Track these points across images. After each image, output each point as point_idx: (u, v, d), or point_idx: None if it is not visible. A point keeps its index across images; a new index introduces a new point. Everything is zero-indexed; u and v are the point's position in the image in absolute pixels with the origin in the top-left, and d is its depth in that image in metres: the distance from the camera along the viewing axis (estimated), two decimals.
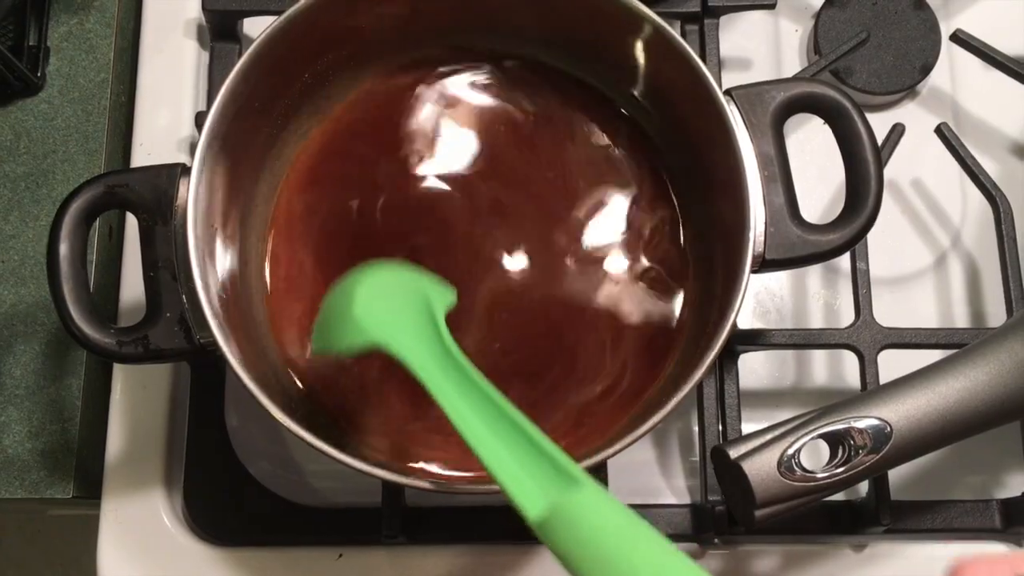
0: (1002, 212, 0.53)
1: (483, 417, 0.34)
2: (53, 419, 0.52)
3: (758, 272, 0.44)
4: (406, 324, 0.37)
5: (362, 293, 0.38)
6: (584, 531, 0.30)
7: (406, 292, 0.39)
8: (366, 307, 0.37)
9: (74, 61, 0.57)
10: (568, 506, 0.31)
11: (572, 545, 0.30)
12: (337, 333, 0.38)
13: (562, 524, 0.31)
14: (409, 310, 0.38)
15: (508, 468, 0.32)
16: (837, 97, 0.44)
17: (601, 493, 0.31)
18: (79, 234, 0.43)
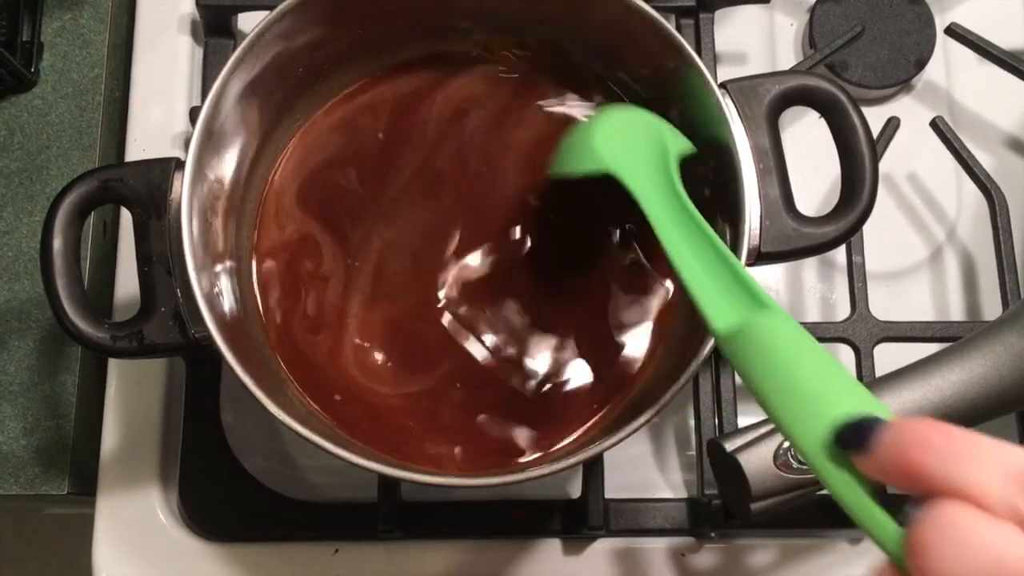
0: (997, 205, 0.53)
1: (692, 245, 0.37)
2: (48, 415, 0.52)
3: (753, 265, 0.44)
4: (636, 156, 0.41)
5: (604, 125, 0.43)
6: (762, 348, 0.33)
7: (643, 131, 0.43)
8: (605, 137, 0.42)
9: (68, 56, 0.56)
10: (752, 325, 0.34)
11: (751, 359, 0.33)
12: (574, 158, 0.43)
13: (745, 340, 0.34)
14: (642, 145, 0.41)
15: (705, 286, 0.36)
16: (832, 90, 0.44)
17: (788, 319, 0.34)
18: (73, 229, 0.43)
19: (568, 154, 0.45)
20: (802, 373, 0.31)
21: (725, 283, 0.36)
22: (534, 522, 0.51)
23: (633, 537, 0.52)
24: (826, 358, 0.32)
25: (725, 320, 0.35)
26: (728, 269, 0.36)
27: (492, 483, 0.42)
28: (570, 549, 0.51)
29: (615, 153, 0.41)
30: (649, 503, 0.52)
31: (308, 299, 0.48)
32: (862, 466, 0.28)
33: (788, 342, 0.33)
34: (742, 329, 0.34)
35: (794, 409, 0.31)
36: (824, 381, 0.31)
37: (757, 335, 0.33)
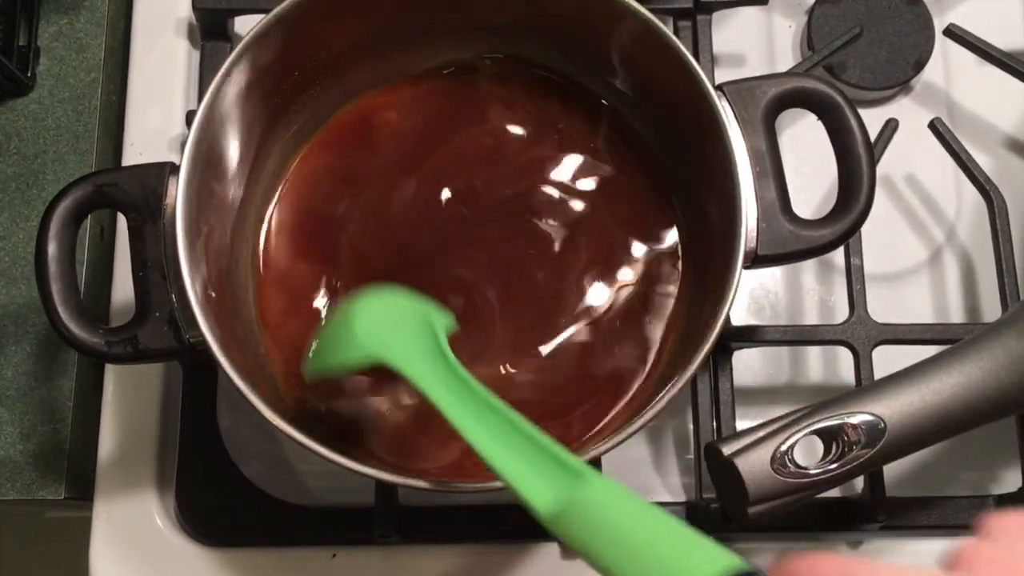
0: (996, 207, 0.53)
1: (486, 424, 0.35)
2: (44, 420, 0.52)
3: (751, 268, 0.44)
4: (405, 340, 0.38)
5: (362, 313, 0.40)
6: (595, 521, 0.31)
7: (405, 312, 0.40)
8: (366, 325, 0.39)
9: (64, 61, 0.56)
10: (577, 500, 0.32)
11: (585, 535, 0.31)
12: (337, 351, 0.40)
13: (573, 517, 0.32)
14: (408, 328, 0.39)
15: (515, 470, 0.34)
16: (829, 92, 0.44)
17: (607, 484, 0.32)
18: (67, 234, 0.43)
19: (327, 347, 0.41)
20: (653, 544, 0.30)
21: (535, 458, 0.34)
22: (532, 526, 0.51)
23: None
24: (665, 518, 0.31)
25: (546, 500, 0.32)
26: (532, 443, 0.34)
27: (489, 487, 0.42)
28: (568, 553, 0.51)
29: (381, 338, 0.38)
30: None
31: (306, 305, 0.48)
32: None
33: (623, 511, 0.31)
34: (569, 507, 0.32)
35: None
36: (679, 545, 0.30)
37: (589, 510, 0.31)
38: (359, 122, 0.51)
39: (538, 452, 0.34)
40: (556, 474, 0.33)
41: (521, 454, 0.34)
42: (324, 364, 0.41)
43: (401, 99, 0.51)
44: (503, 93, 0.51)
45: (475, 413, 0.35)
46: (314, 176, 0.50)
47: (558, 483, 0.33)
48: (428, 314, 0.40)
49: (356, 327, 0.39)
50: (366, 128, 0.51)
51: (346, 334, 0.39)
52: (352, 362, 0.39)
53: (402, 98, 0.51)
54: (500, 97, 0.51)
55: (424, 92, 0.51)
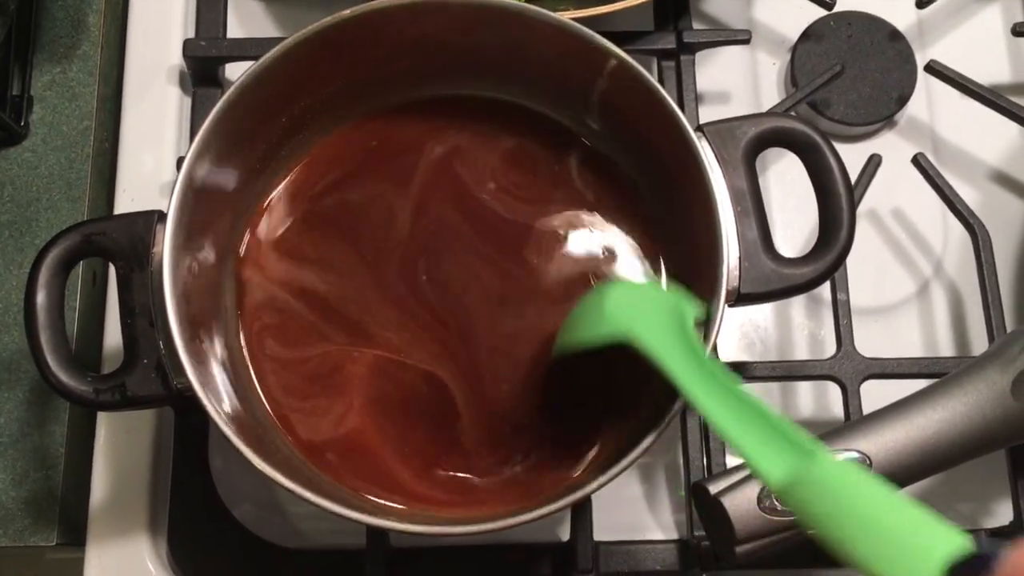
0: (980, 241, 0.53)
1: (725, 403, 0.37)
2: (37, 466, 0.52)
3: (734, 306, 0.44)
4: (654, 322, 0.40)
5: (614, 295, 0.43)
6: (826, 495, 0.33)
7: (655, 299, 0.43)
8: (618, 306, 0.42)
9: (57, 109, 0.57)
10: (810, 474, 0.33)
11: (817, 508, 0.33)
12: (587, 326, 0.43)
13: (806, 490, 0.33)
14: (657, 311, 0.41)
15: (751, 444, 0.36)
16: (807, 131, 0.45)
17: (843, 464, 0.34)
18: (56, 283, 0.43)
19: (581, 323, 0.44)
20: (887, 521, 0.31)
21: (766, 436, 0.36)
22: (523, 566, 0.51)
23: None
24: (901, 500, 0.32)
25: (778, 472, 0.34)
26: (766, 423, 0.36)
27: (479, 530, 0.42)
28: None
29: (634, 320, 0.41)
30: (639, 545, 0.51)
31: (294, 348, 0.48)
32: None
33: (857, 490, 0.33)
34: (801, 480, 0.34)
35: (889, 556, 0.31)
36: (912, 524, 0.31)
37: (820, 485, 0.33)
38: (344, 164, 0.51)
39: (772, 430, 0.35)
40: (788, 450, 0.35)
41: (757, 431, 0.36)
42: (574, 337, 0.43)
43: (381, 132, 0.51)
44: (483, 128, 0.51)
45: (714, 393, 0.37)
46: (299, 218, 0.50)
47: (791, 458, 0.34)
48: (677, 302, 0.41)
49: (608, 306, 0.42)
50: (351, 169, 0.51)
51: (598, 313, 0.42)
52: (601, 336, 0.41)
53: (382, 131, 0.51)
54: (480, 132, 0.51)
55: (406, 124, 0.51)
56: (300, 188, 0.50)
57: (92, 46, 0.58)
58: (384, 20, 0.46)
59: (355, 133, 0.51)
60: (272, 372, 0.48)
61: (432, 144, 0.51)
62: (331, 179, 0.51)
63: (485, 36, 0.48)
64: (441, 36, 0.48)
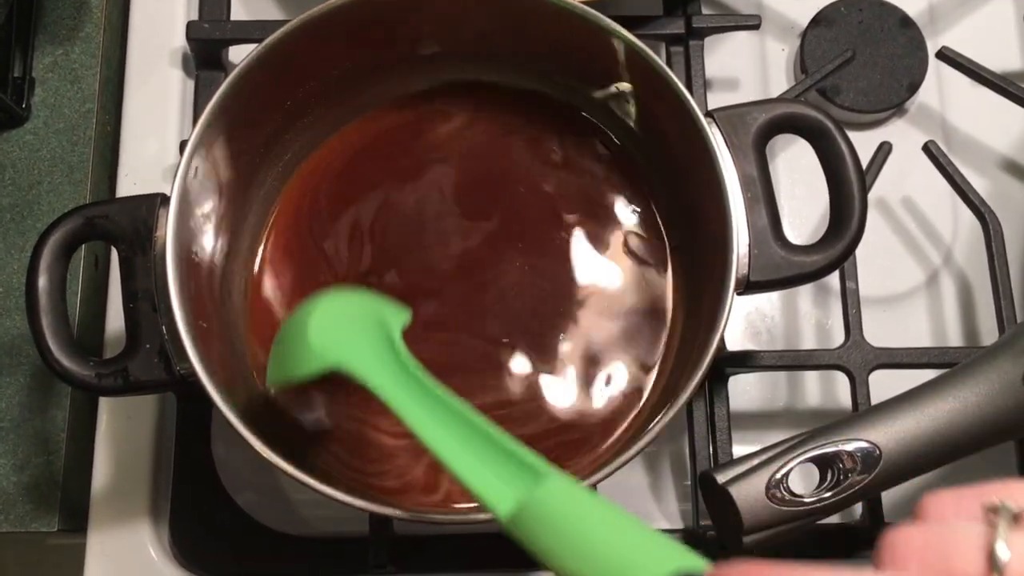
0: (992, 229, 0.53)
1: (444, 424, 0.34)
2: (38, 452, 0.52)
3: (743, 294, 0.44)
4: (360, 344, 0.38)
5: (315, 319, 0.39)
6: (554, 521, 0.30)
7: (359, 315, 0.39)
8: (320, 332, 0.38)
9: (59, 92, 0.57)
10: (536, 499, 0.31)
11: (540, 535, 0.31)
12: (293, 361, 0.39)
13: (532, 518, 0.31)
14: (363, 331, 0.38)
15: (473, 470, 0.33)
16: (818, 117, 0.44)
17: (566, 483, 0.31)
18: (58, 267, 0.43)
19: (283, 358, 0.40)
20: (604, 541, 0.29)
21: (493, 458, 0.33)
22: (528, 554, 0.51)
23: None
24: (622, 517, 0.30)
25: (507, 502, 0.32)
26: (492, 443, 0.33)
27: (483, 518, 0.42)
28: None
29: (335, 345, 0.38)
30: None
31: None
32: None
33: (579, 509, 0.31)
34: (527, 507, 0.31)
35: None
36: (630, 543, 0.29)
37: (544, 509, 0.31)
38: (351, 148, 0.51)
39: (497, 452, 0.33)
40: (516, 473, 0.32)
41: (480, 454, 0.33)
42: (283, 375, 0.40)
43: (392, 122, 0.51)
44: (488, 112, 0.51)
45: (431, 412, 0.35)
46: (306, 203, 0.50)
47: (518, 482, 0.32)
48: (382, 312, 0.39)
49: (309, 335, 0.38)
50: (358, 154, 0.51)
51: (300, 343, 0.38)
52: (309, 372, 0.38)
53: (393, 121, 0.51)
54: (485, 116, 0.51)
55: (416, 114, 0.51)
56: (304, 171, 0.50)
57: (94, 28, 0.58)
58: (387, 2, 0.46)
59: (360, 116, 0.51)
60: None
61: (438, 128, 0.51)
62: (336, 162, 0.50)
63: (490, 18, 0.47)
64: (445, 19, 0.47)
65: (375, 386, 0.36)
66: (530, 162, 0.50)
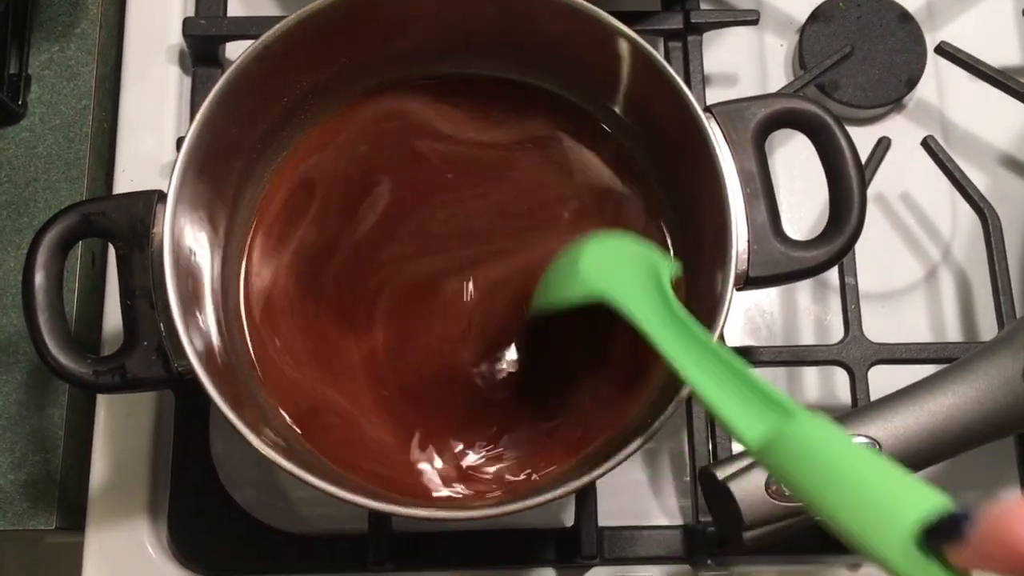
0: (991, 225, 0.53)
1: (701, 362, 0.36)
2: (36, 449, 0.51)
3: (742, 289, 0.44)
4: (628, 281, 0.40)
5: (589, 252, 0.42)
6: (802, 455, 0.32)
7: (630, 256, 0.42)
8: (591, 263, 0.41)
9: (55, 89, 0.56)
10: (785, 434, 0.33)
11: (793, 468, 0.32)
12: (561, 287, 0.42)
13: (781, 450, 0.33)
14: (632, 270, 0.40)
15: (725, 403, 0.35)
16: (818, 112, 0.44)
17: (816, 421, 0.33)
18: (55, 264, 0.42)
19: (555, 283, 0.43)
20: (862, 480, 0.31)
21: (744, 396, 0.35)
22: (527, 552, 0.51)
23: (628, 565, 0.51)
24: (877, 459, 0.31)
25: (755, 432, 0.34)
26: (744, 382, 0.35)
27: (482, 515, 0.42)
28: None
29: (608, 278, 0.40)
30: (644, 531, 0.51)
31: (295, 330, 0.48)
32: (961, 559, 0.28)
33: (833, 449, 0.32)
34: (777, 440, 0.33)
35: (867, 519, 0.30)
36: (888, 484, 0.31)
37: (797, 445, 0.32)
38: (347, 144, 0.50)
39: (749, 389, 0.35)
40: (766, 410, 0.34)
41: (733, 390, 0.35)
42: (549, 299, 0.43)
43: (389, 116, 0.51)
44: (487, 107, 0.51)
45: (690, 351, 0.37)
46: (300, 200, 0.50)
47: (768, 418, 0.34)
48: (652, 257, 0.41)
49: (581, 264, 0.41)
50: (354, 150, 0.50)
51: (571, 272, 0.41)
52: (574, 297, 0.41)
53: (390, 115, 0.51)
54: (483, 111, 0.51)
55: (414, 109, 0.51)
56: (302, 168, 0.50)
57: (91, 24, 0.58)
58: None
59: (358, 113, 0.50)
60: (274, 354, 0.47)
61: (436, 124, 0.50)
62: (334, 158, 0.50)
63: (489, 14, 0.47)
64: (442, 13, 0.47)
65: (638, 319, 0.38)
66: (527, 159, 0.50)
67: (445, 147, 0.50)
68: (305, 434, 0.46)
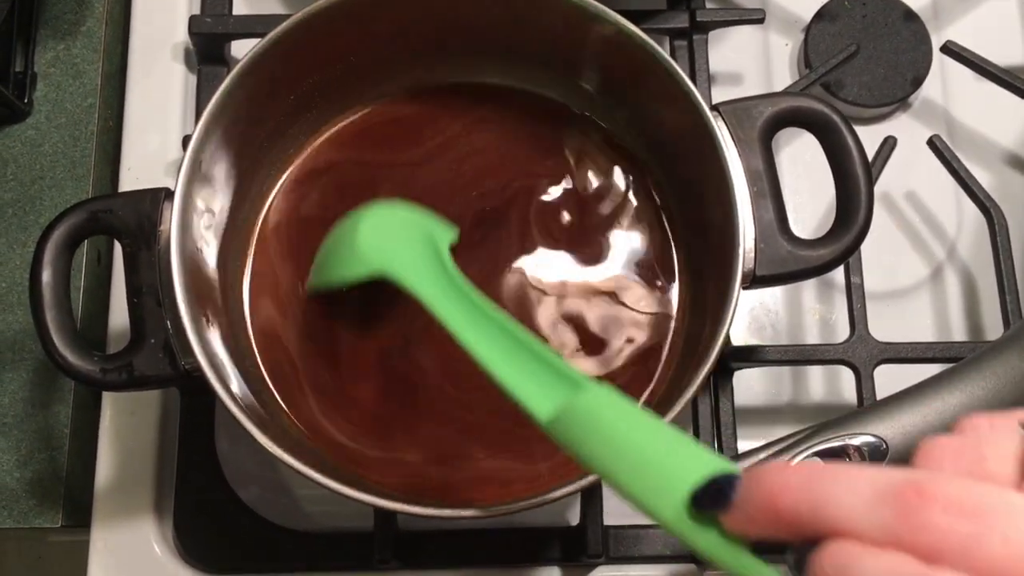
0: (996, 224, 0.53)
1: (487, 335, 0.36)
2: (41, 447, 0.51)
3: (749, 288, 0.44)
4: (408, 253, 0.39)
5: (365, 225, 0.40)
6: (593, 426, 0.32)
7: (407, 226, 0.41)
8: (368, 237, 0.40)
9: (61, 87, 0.56)
10: (574, 406, 0.32)
11: (580, 439, 0.32)
12: (339, 265, 0.41)
13: (569, 422, 0.33)
14: (410, 241, 0.40)
15: (514, 377, 0.35)
16: (825, 111, 0.44)
17: (602, 390, 0.33)
18: (62, 261, 0.42)
19: (328, 261, 0.42)
20: (641, 446, 0.30)
21: (532, 369, 0.35)
22: (533, 550, 0.51)
23: (633, 565, 0.51)
24: (658, 425, 0.31)
25: (546, 407, 0.33)
26: (533, 355, 0.35)
27: (488, 513, 0.42)
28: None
29: (383, 251, 0.39)
30: (650, 529, 0.51)
31: (301, 329, 0.48)
32: (730, 524, 0.27)
33: (617, 417, 0.32)
34: (565, 412, 0.33)
35: (645, 484, 0.29)
36: (665, 449, 0.30)
37: (584, 415, 0.32)
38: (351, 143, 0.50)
39: (537, 362, 0.35)
40: (555, 382, 0.34)
41: (522, 364, 0.35)
42: (326, 278, 0.42)
43: (394, 116, 0.51)
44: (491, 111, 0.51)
45: (475, 323, 0.36)
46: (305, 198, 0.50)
47: (556, 391, 0.34)
48: (430, 226, 0.40)
49: (359, 240, 0.39)
50: (358, 149, 0.50)
51: (349, 248, 0.40)
52: (354, 276, 0.40)
53: (395, 115, 0.51)
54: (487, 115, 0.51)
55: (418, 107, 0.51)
56: (308, 167, 0.50)
57: (96, 22, 0.58)
58: None
59: (366, 112, 0.51)
60: (279, 353, 0.47)
61: (441, 125, 0.50)
62: (339, 158, 0.50)
63: (494, 14, 0.47)
64: (448, 13, 0.47)
65: (420, 294, 0.38)
66: (532, 159, 0.50)
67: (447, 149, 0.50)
68: (310, 432, 0.46)
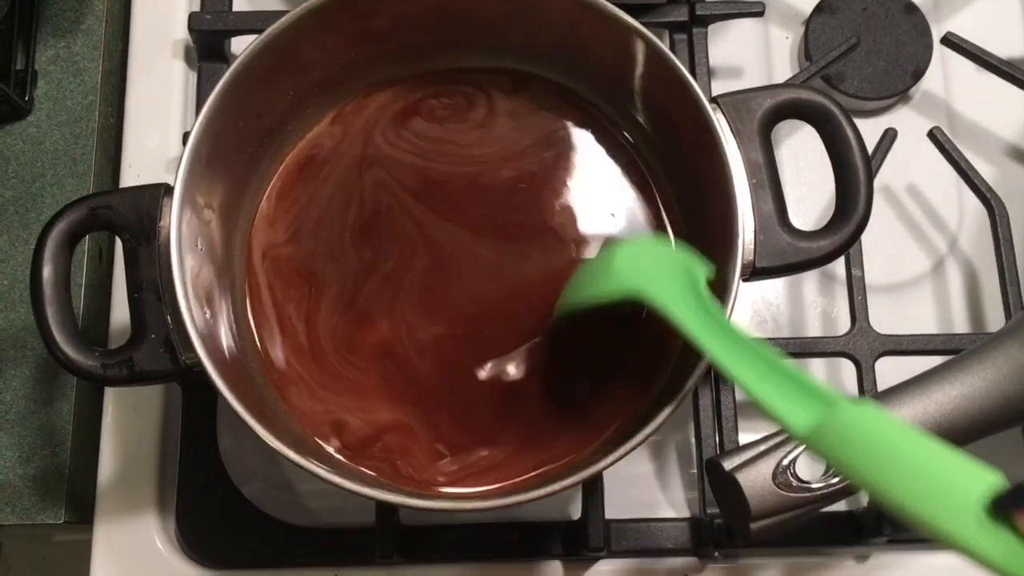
0: (998, 215, 0.52)
1: (741, 357, 0.37)
2: (44, 444, 0.52)
3: (749, 280, 0.44)
4: (663, 280, 0.40)
5: (623, 251, 0.42)
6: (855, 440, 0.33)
7: (664, 257, 0.42)
8: (626, 260, 0.42)
9: (62, 84, 0.57)
10: (833, 421, 0.34)
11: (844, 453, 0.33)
12: (593, 284, 0.43)
13: (831, 436, 0.34)
14: (666, 270, 0.41)
15: (770, 395, 0.36)
16: (824, 102, 0.44)
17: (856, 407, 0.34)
18: (62, 257, 0.42)
19: (588, 281, 0.44)
20: (915, 459, 0.32)
21: (787, 387, 0.36)
22: (534, 544, 0.51)
23: (635, 558, 0.51)
24: (926, 438, 0.32)
25: (802, 421, 0.35)
26: (785, 375, 0.36)
27: (489, 506, 0.42)
28: (571, 571, 0.51)
29: (642, 276, 0.41)
30: (651, 523, 0.51)
31: (301, 322, 0.48)
32: None
33: (881, 430, 0.33)
34: (824, 426, 0.34)
35: (927, 497, 0.31)
36: (940, 461, 0.31)
37: (845, 430, 0.33)
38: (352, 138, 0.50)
39: (789, 381, 0.36)
40: (807, 399, 0.35)
41: (775, 382, 0.36)
42: (577, 297, 0.43)
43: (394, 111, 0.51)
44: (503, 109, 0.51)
45: (731, 348, 0.38)
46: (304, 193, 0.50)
47: (810, 407, 0.35)
48: (687, 260, 0.41)
49: (616, 260, 0.41)
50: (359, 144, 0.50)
51: (606, 268, 0.42)
52: (608, 292, 0.41)
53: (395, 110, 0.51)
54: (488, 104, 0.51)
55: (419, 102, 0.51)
56: (308, 161, 0.50)
57: (96, 20, 0.58)
58: None
59: (366, 107, 0.51)
60: (281, 346, 0.47)
61: (440, 117, 0.50)
62: (339, 152, 0.50)
63: (493, 8, 0.47)
64: (447, 5, 0.47)
65: (675, 317, 0.39)
66: (532, 149, 0.50)
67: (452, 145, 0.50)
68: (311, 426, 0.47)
